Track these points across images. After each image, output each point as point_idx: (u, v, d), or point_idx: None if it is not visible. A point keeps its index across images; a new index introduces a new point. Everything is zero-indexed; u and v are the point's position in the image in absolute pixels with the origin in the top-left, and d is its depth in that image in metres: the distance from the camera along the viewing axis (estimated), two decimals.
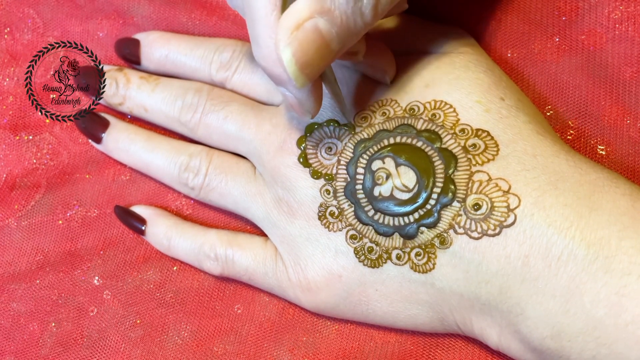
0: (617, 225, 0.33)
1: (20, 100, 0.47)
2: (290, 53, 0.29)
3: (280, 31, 0.29)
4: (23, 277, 0.45)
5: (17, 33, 0.47)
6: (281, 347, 0.42)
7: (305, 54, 0.30)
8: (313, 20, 0.29)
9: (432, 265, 0.36)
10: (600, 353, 0.32)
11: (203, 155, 0.42)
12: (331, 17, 0.30)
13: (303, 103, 0.33)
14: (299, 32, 0.29)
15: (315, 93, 0.33)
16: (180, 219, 0.44)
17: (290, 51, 0.29)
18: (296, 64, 0.30)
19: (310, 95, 0.33)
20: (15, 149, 0.46)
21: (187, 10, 0.46)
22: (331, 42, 0.30)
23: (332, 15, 0.30)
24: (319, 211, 0.38)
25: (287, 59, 0.29)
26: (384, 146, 0.37)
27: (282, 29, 0.29)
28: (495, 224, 0.34)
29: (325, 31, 0.30)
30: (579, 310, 0.32)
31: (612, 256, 0.32)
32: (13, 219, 0.45)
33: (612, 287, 0.31)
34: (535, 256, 0.33)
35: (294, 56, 0.29)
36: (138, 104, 0.44)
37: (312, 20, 0.29)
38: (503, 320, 0.35)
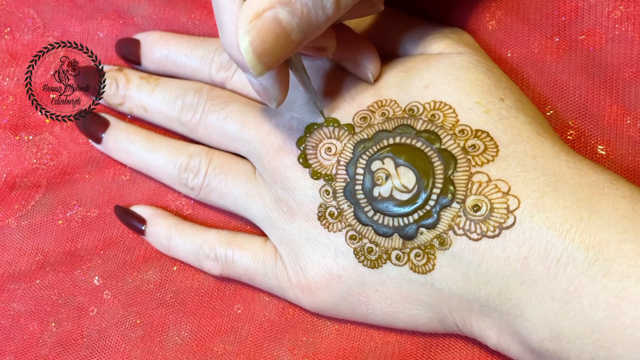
0: (617, 228, 0.33)
1: (20, 100, 0.47)
2: (248, 41, 0.30)
3: (240, 19, 0.30)
4: (23, 277, 0.45)
5: (17, 33, 0.47)
6: (281, 347, 0.42)
7: (263, 43, 0.30)
8: (273, 10, 0.30)
9: (431, 266, 0.36)
10: (599, 356, 0.32)
11: (203, 156, 0.42)
12: (292, 8, 0.30)
13: (268, 90, 0.34)
14: (258, 20, 0.30)
15: (281, 81, 0.34)
16: (180, 219, 0.44)
17: (247, 39, 0.30)
18: (253, 52, 0.30)
19: (275, 83, 0.34)
20: (15, 149, 0.46)
21: (187, 10, 0.46)
22: (292, 33, 0.31)
23: (293, 6, 0.30)
24: (318, 212, 0.38)
25: (244, 46, 0.30)
26: (384, 146, 0.37)
27: (242, 17, 0.30)
28: (495, 226, 0.34)
29: (285, 21, 0.30)
30: (577, 312, 0.32)
31: (611, 259, 0.32)
32: (13, 219, 0.45)
33: (611, 290, 0.31)
34: (534, 258, 0.33)
35: (251, 44, 0.30)
36: (138, 104, 0.44)
37: (273, 10, 0.30)
38: (502, 322, 0.35)
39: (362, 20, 0.42)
